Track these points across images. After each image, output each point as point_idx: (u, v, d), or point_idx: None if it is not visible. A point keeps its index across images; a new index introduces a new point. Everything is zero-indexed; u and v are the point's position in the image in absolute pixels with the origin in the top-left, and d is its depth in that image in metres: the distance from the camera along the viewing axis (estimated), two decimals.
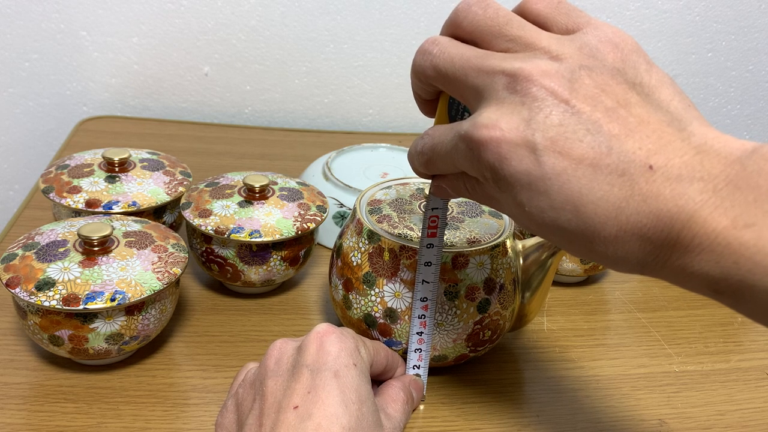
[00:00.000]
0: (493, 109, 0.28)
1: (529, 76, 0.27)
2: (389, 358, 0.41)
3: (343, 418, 0.32)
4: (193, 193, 0.53)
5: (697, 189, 0.25)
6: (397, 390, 0.40)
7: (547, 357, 0.50)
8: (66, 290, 0.40)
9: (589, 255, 0.28)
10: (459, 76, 0.30)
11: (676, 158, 0.25)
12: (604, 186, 0.26)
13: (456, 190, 0.34)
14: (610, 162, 0.26)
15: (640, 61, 0.28)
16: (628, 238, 0.26)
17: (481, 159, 0.28)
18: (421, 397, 0.44)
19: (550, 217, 0.27)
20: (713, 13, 0.91)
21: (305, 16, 0.84)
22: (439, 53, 0.31)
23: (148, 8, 0.81)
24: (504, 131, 0.27)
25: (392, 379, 0.41)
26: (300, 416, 0.32)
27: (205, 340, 0.49)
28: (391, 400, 0.39)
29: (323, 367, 0.34)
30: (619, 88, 0.27)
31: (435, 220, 0.40)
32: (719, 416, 0.45)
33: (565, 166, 0.26)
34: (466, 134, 0.29)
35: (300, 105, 0.90)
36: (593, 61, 0.28)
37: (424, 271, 0.41)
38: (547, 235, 0.28)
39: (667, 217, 0.25)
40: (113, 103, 0.87)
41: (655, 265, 0.26)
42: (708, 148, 0.26)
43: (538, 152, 0.26)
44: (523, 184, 0.27)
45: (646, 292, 0.59)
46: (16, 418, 0.41)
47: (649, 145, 0.26)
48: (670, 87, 0.28)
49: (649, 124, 0.26)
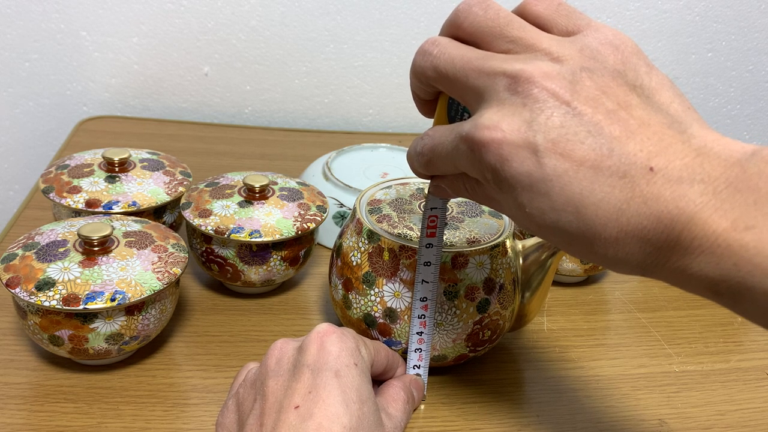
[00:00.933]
0: (495, 111, 0.28)
1: (530, 77, 0.27)
2: (390, 358, 0.41)
3: (344, 417, 0.32)
4: (193, 193, 0.53)
5: (698, 191, 0.25)
6: (398, 390, 0.40)
7: (547, 357, 0.50)
8: (66, 290, 0.40)
9: (590, 256, 0.28)
10: (459, 77, 0.30)
11: (677, 160, 0.26)
12: (605, 188, 0.26)
13: (455, 190, 0.34)
14: (611, 164, 0.26)
15: (640, 64, 0.28)
16: (628, 240, 0.26)
17: (482, 160, 0.28)
18: (422, 396, 0.44)
19: (551, 218, 0.27)
20: (713, 13, 0.91)
21: (305, 16, 0.84)
22: (440, 54, 0.31)
23: (148, 8, 0.81)
24: (505, 132, 0.27)
25: (393, 379, 0.41)
26: (301, 416, 0.32)
27: (205, 340, 0.49)
28: (392, 400, 0.39)
29: (324, 367, 0.34)
30: (620, 90, 0.27)
31: (434, 220, 0.40)
32: (719, 416, 0.45)
33: (567, 167, 0.26)
34: (467, 135, 0.29)
35: (300, 105, 0.90)
36: (594, 63, 0.28)
37: (423, 271, 0.41)
38: (547, 236, 0.28)
39: (668, 219, 0.25)
40: (113, 103, 0.87)
41: (655, 267, 0.26)
42: (708, 151, 0.26)
43: (539, 154, 0.27)
44: (524, 186, 0.27)
45: (646, 292, 0.59)
46: (16, 418, 0.41)
47: (650, 147, 0.26)
48: (670, 89, 0.28)
49: (649, 126, 0.27)
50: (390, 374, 0.42)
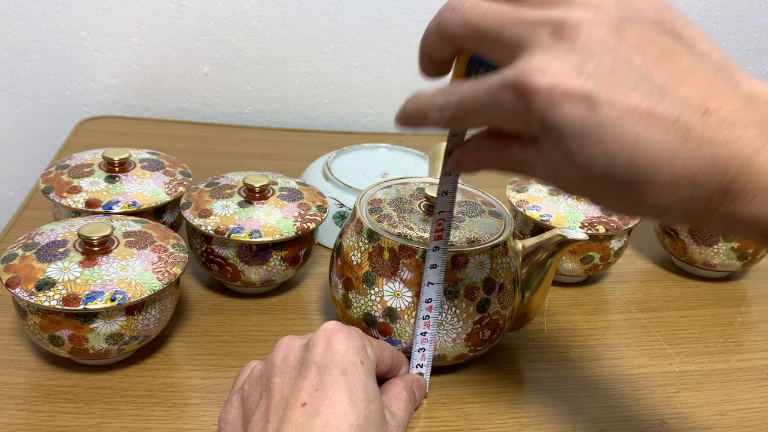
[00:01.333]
0: (541, 56, 0.27)
1: (577, 24, 0.27)
2: (394, 358, 0.41)
3: (351, 415, 0.32)
4: (193, 193, 0.53)
5: (752, 134, 0.25)
6: (401, 389, 0.40)
7: (547, 357, 0.50)
8: (66, 290, 0.40)
9: (637, 207, 0.27)
10: (493, 30, 0.29)
11: (729, 104, 0.26)
12: (659, 132, 0.25)
13: (479, 159, 0.33)
14: (664, 108, 0.26)
15: (675, 15, 0.28)
16: (681, 185, 0.26)
17: (530, 107, 0.27)
18: (424, 395, 0.44)
19: (603, 165, 0.27)
20: (713, 13, 0.91)
21: (305, 16, 0.84)
22: (471, 8, 0.30)
23: (148, 8, 0.81)
24: (556, 77, 0.26)
25: (396, 378, 0.41)
26: (308, 413, 0.32)
27: (205, 340, 0.49)
28: (395, 399, 0.39)
29: (331, 365, 0.34)
30: (663, 39, 0.27)
31: (441, 223, 0.40)
32: (719, 416, 0.45)
33: (620, 113, 0.26)
34: (514, 81, 0.27)
35: (300, 105, 0.90)
36: (634, 12, 0.28)
37: (430, 273, 0.41)
38: (597, 186, 0.28)
39: (723, 162, 0.25)
40: (113, 103, 0.87)
41: (704, 213, 0.26)
42: (757, 98, 0.26)
43: (591, 99, 0.26)
44: (575, 132, 0.26)
45: (646, 292, 0.59)
46: (16, 418, 0.41)
47: (701, 92, 0.26)
48: (708, 40, 0.28)
49: (697, 72, 0.26)
50: (394, 373, 0.42)
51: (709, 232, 0.57)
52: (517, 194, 0.58)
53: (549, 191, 0.57)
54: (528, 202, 0.56)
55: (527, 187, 0.58)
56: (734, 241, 0.57)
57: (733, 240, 0.57)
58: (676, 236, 0.60)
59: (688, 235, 0.59)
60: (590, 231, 0.53)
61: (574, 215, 0.54)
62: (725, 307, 0.57)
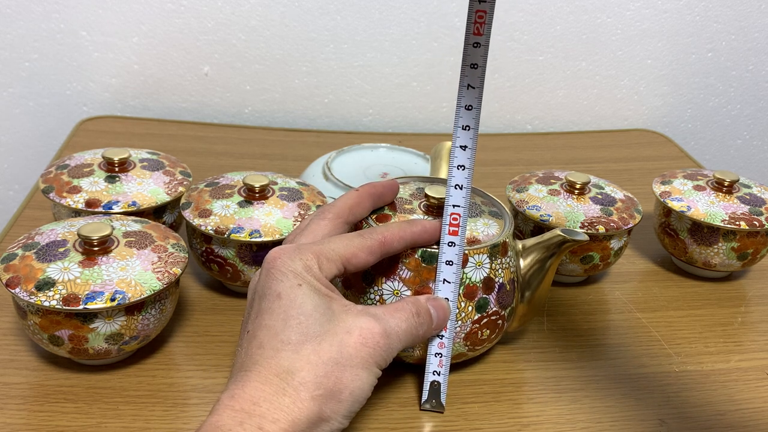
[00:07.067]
0: None
1: None
2: (361, 206, 0.44)
3: (282, 333, 0.35)
4: (193, 193, 0.53)
5: None
6: (405, 302, 0.39)
7: (547, 357, 0.50)
8: (66, 290, 0.40)
9: None
10: None
11: None
12: None
13: None
14: None
15: None
16: None
17: None
18: (445, 317, 0.41)
19: None
20: (713, 13, 0.91)
21: (305, 16, 0.84)
22: None
23: (148, 8, 0.81)
24: None
25: (410, 296, 0.41)
26: (248, 338, 0.36)
27: (205, 340, 0.49)
28: (393, 310, 0.38)
29: (268, 292, 0.36)
30: None
31: (456, 218, 0.39)
32: (719, 416, 0.45)
33: None
34: None
35: (300, 105, 0.90)
36: None
37: (445, 270, 0.40)
38: None
39: None
40: (113, 103, 0.87)
41: None
42: None
43: None
44: None
45: (646, 292, 0.59)
46: (16, 418, 0.41)
47: None
48: None
49: None
50: (382, 203, 0.45)
51: (708, 231, 0.57)
52: (517, 194, 0.58)
53: (549, 191, 0.57)
54: (528, 202, 0.56)
55: (527, 187, 0.58)
56: (734, 241, 0.57)
57: (733, 240, 0.57)
58: (676, 236, 0.60)
59: (688, 235, 0.59)
60: (590, 231, 0.53)
61: (574, 215, 0.54)
62: (725, 307, 0.57)
